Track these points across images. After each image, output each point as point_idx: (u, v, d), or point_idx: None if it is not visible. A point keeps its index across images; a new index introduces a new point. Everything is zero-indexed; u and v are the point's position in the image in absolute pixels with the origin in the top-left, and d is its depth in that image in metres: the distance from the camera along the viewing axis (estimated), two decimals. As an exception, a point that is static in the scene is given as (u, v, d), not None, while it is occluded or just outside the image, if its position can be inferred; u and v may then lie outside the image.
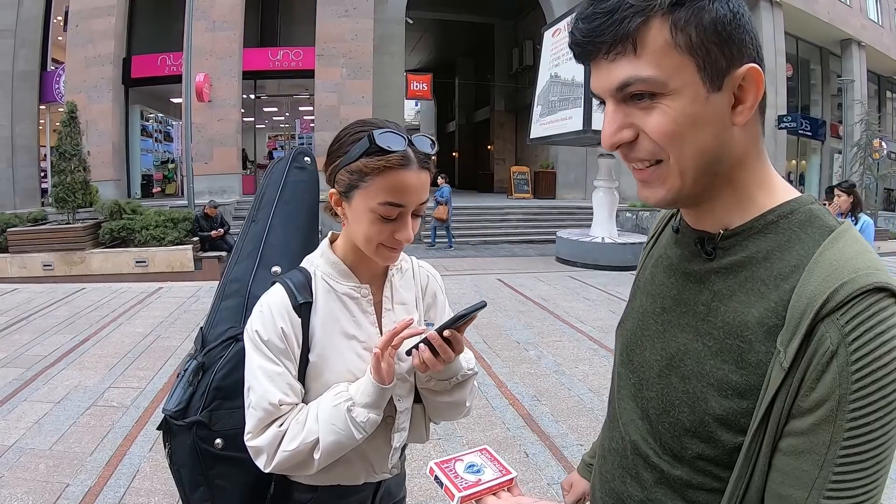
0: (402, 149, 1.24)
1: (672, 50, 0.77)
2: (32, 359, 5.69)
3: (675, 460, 0.89)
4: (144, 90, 20.55)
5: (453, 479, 0.98)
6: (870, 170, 24.33)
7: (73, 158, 12.18)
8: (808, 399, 0.73)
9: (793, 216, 0.83)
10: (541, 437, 4.17)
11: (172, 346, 6.20)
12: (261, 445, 1.27)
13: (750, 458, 0.79)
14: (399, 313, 1.43)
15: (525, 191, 24.27)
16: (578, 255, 12.48)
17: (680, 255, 0.94)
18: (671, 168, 0.82)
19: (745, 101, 0.79)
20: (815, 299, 0.73)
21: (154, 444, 3.93)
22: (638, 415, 0.96)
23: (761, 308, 0.80)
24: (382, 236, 1.28)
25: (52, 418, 4.35)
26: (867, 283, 0.72)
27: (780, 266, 0.80)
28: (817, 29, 26.80)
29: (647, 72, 0.77)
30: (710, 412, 0.82)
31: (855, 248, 0.77)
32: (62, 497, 3.31)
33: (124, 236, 12.19)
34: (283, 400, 1.28)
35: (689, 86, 0.78)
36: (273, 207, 1.59)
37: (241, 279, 1.53)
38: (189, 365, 1.45)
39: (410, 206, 1.27)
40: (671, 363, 0.90)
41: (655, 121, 0.79)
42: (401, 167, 1.24)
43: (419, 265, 1.55)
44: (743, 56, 0.78)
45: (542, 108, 13.64)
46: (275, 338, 1.29)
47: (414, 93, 23.48)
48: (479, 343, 6.44)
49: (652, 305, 0.97)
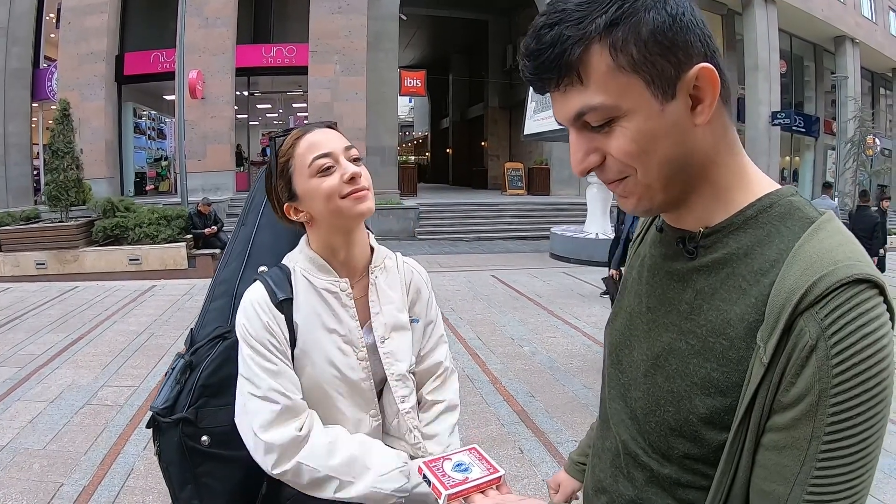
0: (297, 127, 1.39)
1: (617, 72, 0.76)
2: (26, 358, 5.67)
3: (664, 459, 0.89)
4: (137, 87, 20.50)
5: (440, 478, 1.00)
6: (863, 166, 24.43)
7: (66, 156, 12.14)
8: (788, 394, 0.72)
9: (772, 209, 0.82)
10: (535, 433, 4.18)
11: (166, 344, 6.20)
12: (274, 443, 1.27)
13: (733, 455, 0.78)
14: (388, 313, 1.44)
15: (519, 187, 24.29)
16: (572, 252, 12.52)
17: (663, 255, 0.93)
18: (639, 182, 0.82)
19: (703, 100, 0.78)
20: (794, 293, 0.72)
21: (148, 443, 3.92)
22: (627, 414, 0.96)
23: (742, 305, 0.79)
24: (335, 188, 1.32)
25: (46, 417, 4.34)
26: (847, 274, 0.71)
27: (760, 261, 0.80)
28: (811, 26, 26.89)
29: (597, 99, 0.77)
30: (693, 411, 0.82)
31: (836, 240, 0.76)
32: (56, 496, 3.31)
33: (118, 234, 12.15)
34: (287, 394, 1.29)
35: (641, 103, 0.77)
36: (261, 210, 1.62)
37: (229, 280, 1.56)
38: (177, 364, 1.47)
39: (336, 151, 1.34)
40: (656, 363, 0.89)
41: (616, 143, 0.79)
42: (305, 133, 1.37)
43: (404, 261, 1.57)
44: (691, 58, 0.76)
45: (536, 105, 13.66)
46: (262, 332, 1.31)
47: (408, 89, 23.42)
48: (474, 339, 6.45)
49: (638, 305, 0.97)
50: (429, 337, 1.55)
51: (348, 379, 1.38)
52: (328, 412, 1.38)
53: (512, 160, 27.24)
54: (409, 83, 23.13)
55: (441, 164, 38.62)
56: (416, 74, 23.59)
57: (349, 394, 1.39)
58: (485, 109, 31.83)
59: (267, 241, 1.59)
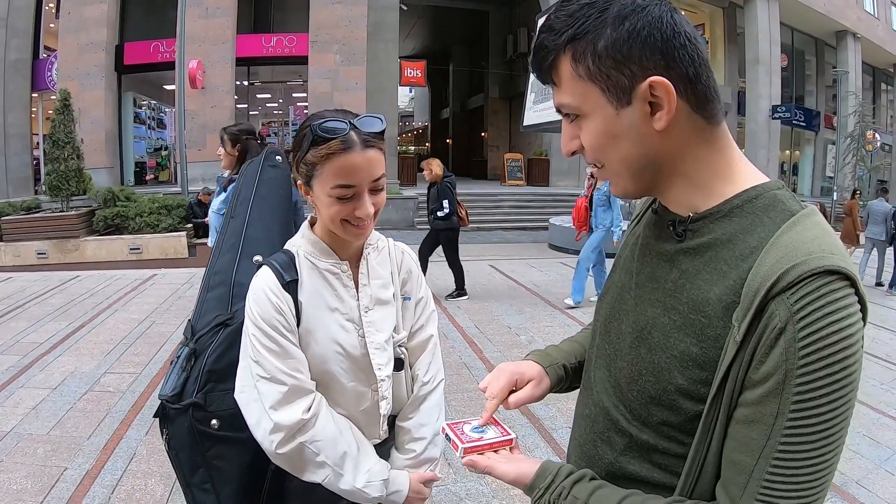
0: (342, 134, 1.32)
1: (577, 79, 0.89)
2: (28, 346, 5.73)
3: (643, 425, 0.95)
4: (137, 77, 20.47)
5: (459, 436, 1.11)
6: (863, 161, 24.39)
7: (67, 146, 12.16)
8: (758, 372, 0.78)
9: (757, 200, 0.88)
10: (530, 420, 4.25)
11: (167, 331, 6.26)
12: (282, 422, 1.34)
13: (708, 426, 0.85)
14: (375, 288, 1.51)
15: (518, 178, 24.29)
16: (571, 242, 12.50)
17: (655, 236, 1.00)
18: (609, 171, 0.95)
19: (661, 107, 0.86)
20: (768, 278, 0.78)
21: (150, 428, 3.99)
22: (611, 383, 1.03)
23: (722, 286, 0.85)
24: (343, 214, 1.37)
25: (50, 404, 4.40)
26: (819, 265, 0.76)
27: (741, 247, 0.86)
28: (813, 20, 26.77)
29: (566, 100, 0.92)
30: (672, 382, 0.89)
31: (813, 233, 0.82)
32: (60, 480, 3.37)
33: (118, 223, 12.20)
34: (293, 375, 1.36)
35: (598, 108, 0.89)
36: (250, 203, 1.70)
37: (224, 270, 1.62)
38: (181, 352, 1.53)
39: (363, 185, 1.36)
40: (641, 335, 0.96)
41: (584, 136, 0.93)
42: (343, 151, 1.32)
43: (394, 244, 1.64)
44: (646, 70, 0.85)
45: (535, 96, 13.65)
46: (272, 313, 1.37)
47: (408, 79, 23.39)
48: (471, 328, 6.52)
49: (628, 281, 1.04)
50: (420, 313, 1.63)
51: (350, 355, 1.44)
52: (332, 388, 1.45)
53: (511, 151, 27.23)
54: (410, 73, 23.08)
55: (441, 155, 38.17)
56: (416, 65, 23.55)
57: (351, 369, 1.45)
58: (485, 100, 31.78)
59: (259, 233, 1.67)
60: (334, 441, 1.39)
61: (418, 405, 1.60)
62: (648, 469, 0.96)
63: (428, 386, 1.61)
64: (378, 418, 1.52)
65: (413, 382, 1.61)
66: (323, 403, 1.42)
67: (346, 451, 1.41)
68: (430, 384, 1.61)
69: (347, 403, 1.48)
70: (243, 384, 1.38)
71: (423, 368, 1.61)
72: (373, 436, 1.53)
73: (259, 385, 1.35)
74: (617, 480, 0.98)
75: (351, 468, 1.41)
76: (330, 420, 1.41)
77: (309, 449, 1.36)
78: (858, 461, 3.77)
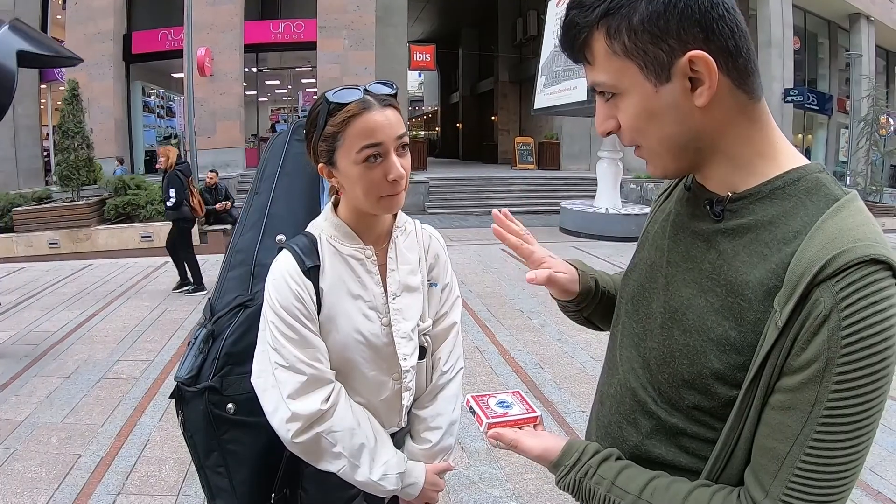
0: (358, 98, 1.29)
1: (612, 56, 0.85)
2: (41, 335, 5.76)
3: (672, 409, 0.93)
4: (146, 66, 20.46)
5: (484, 410, 1.11)
6: (876, 145, 24.04)
7: (76, 136, 12.18)
8: (798, 358, 0.76)
9: (800, 183, 0.85)
10: (544, 404, 4.22)
11: (179, 318, 6.28)
12: (299, 412, 1.30)
13: (743, 411, 0.83)
14: (403, 273, 1.46)
15: (529, 162, 24.19)
16: (582, 226, 12.49)
17: (690, 214, 0.96)
18: (648, 151, 0.91)
19: (703, 83, 0.82)
20: (814, 264, 0.76)
21: (164, 414, 4.00)
22: (639, 364, 1.00)
23: (763, 270, 0.83)
24: (376, 184, 1.31)
25: (63, 392, 4.42)
26: (865, 253, 0.74)
27: (783, 231, 0.83)
28: (826, 2, 26.27)
29: (601, 78, 0.88)
30: (708, 365, 0.86)
31: (857, 219, 0.80)
32: (75, 468, 3.39)
33: (129, 212, 12.23)
34: (312, 364, 1.33)
35: (636, 85, 0.85)
36: (275, 179, 1.64)
37: (246, 249, 1.58)
38: (199, 333, 1.50)
39: (388, 143, 1.30)
40: (674, 316, 0.93)
41: (622, 116, 0.89)
42: (363, 111, 1.28)
43: (422, 227, 1.59)
44: (686, 45, 0.81)
45: (546, 79, 13.55)
46: (292, 300, 1.32)
47: (417, 64, 23.29)
48: (483, 311, 6.49)
49: (659, 258, 1.00)
50: (445, 299, 1.59)
51: (372, 344, 1.40)
52: (352, 376, 1.42)
53: (522, 135, 27.08)
54: (419, 58, 23.00)
55: (451, 139, 38.47)
56: (425, 49, 23.44)
57: (373, 358, 1.41)
58: (495, 84, 31.61)
59: (283, 211, 1.61)
60: (352, 432, 1.36)
61: (436, 394, 1.56)
62: (675, 453, 0.94)
63: (447, 375, 1.57)
64: (399, 408, 1.49)
65: (433, 371, 1.57)
66: (342, 394, 1.38)
67: (364, 442, 1.38)
68: (449, 373, 1.57)
69: (368, 392, 1.44)
70: (261, 369, 1.34)
71: (444, 356, 1.57)
72: (391, 424, 1.51)
73: (277, 373, 1.32)
74: (641, 463, 0.96)
75: (367, 460, 1.38)
76: (348, 410, 1.38)
77: (326, 439, 1.33)
78: (872, 448, 3.66)
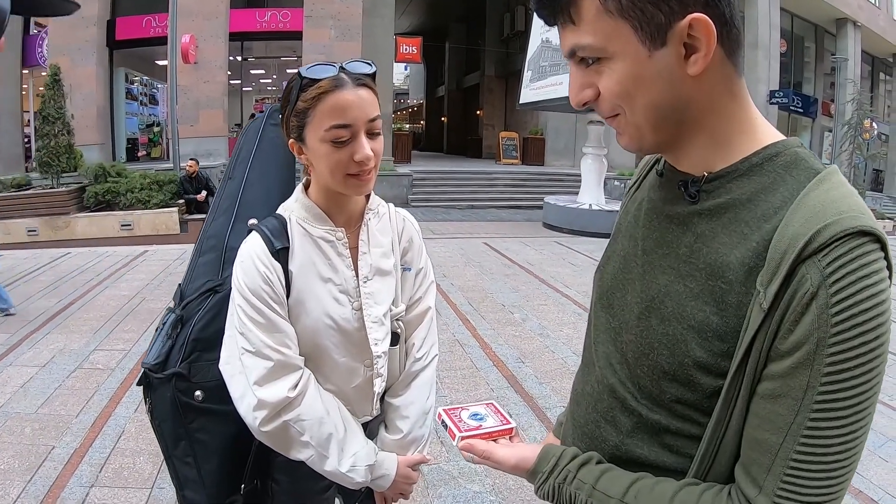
0: (332, 74, 1.26)
1: (605, 16, 0.78)
2: (17, 323, 5.66)
3: (654, 404, 0.88)
4: (129, 52, 20.13)
5: (456, 423, 1.07)
6: (859, 149, 24.26)
7: (57, 122, 12.07)
8: (786, 341, 0.72)
9: (778, 158, 0.82)
10: (524, 399, 4.22)
11: (158, 308, 6.19)
12: (266, 399, 1.27)
13: (729, 402, 0.78)
14: (375, 257, 1.44)
15: (514, 157, 24.18)
16: (565, 222, 12.51)
17: (664, 198, 0.92)
18: (629, 121, 0.84)
19: (698, 50, 0.77)
20: (797, 240, 0.72)
21: (139, 405, 3.94)
22: (616, 359, 0.95)
23: (743, 249, 0.79)
24: (343, 164, 1.28)
25: (38, 382, 4.35)
26: (851, 225, 0.70)
27: (763, 208, 0.79)
28: (814, 6, 26.42)
29: (586, 40, 0.80)
30: (689, 355, 0.82)
31: (840, 191, 0.76)
32: (48, 459, 3.33)
33: (109, 200, 12.10)
34: (281, 349, 1.30)
35: (628, 47, 0.78)
36: (249, 163, 1.61)
37: (217, 234, 1.55)
38: (168, 318, 1.47)
39: (358, 124, 1.27)
40: (651, 305, 0.89)
41: (605, 82, 0.82)
42: (335, 89, 1.26)
43: (395, 210, 1.57)
44: (686, 6, 0.75)
45: (532, 74, 13.53)
46: (259, 283, 1.30)
47: (403, 56, 23.17)
48: (465, 305, 6.48)
49: (633, 248, 0.96)
50: (419, 284, 1.56)
51: (343, 329, 1.38)
52: (322, 362, 1.39)
53: (507, 129, 27.05)
54: (405, 50, 22.88)
55: (436, 133, 38.36)
56: (412, 41, 23.33)
57: (343, 344, 1.39)
58: (481, 78, 31.54)
59: (257, 196, 1.58)
60: (320, 421, 1.33)
61: (409, 382, 1.54)
62: (658, 452, 0.89)
63: (421, 362, 1.54)
64: (371, 395, 1.47)
65: (406, 357, 1.55)
66: (311, 381, 1.35)
67: (332, 432, 1.35)
68: (423, 360, 1.55)
69: (338, 380, 1.42)
70: (229, 354, 1.32)
71: (418, 343, 1.54)
72: (363, 413, 1.48)
73: (244, 359, 1.29)
74: (622, 465, 0.91)
75: (336, 451, 1.35)
76: (317, 399, 1.35)
77: (294, 428, 1.30)
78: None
